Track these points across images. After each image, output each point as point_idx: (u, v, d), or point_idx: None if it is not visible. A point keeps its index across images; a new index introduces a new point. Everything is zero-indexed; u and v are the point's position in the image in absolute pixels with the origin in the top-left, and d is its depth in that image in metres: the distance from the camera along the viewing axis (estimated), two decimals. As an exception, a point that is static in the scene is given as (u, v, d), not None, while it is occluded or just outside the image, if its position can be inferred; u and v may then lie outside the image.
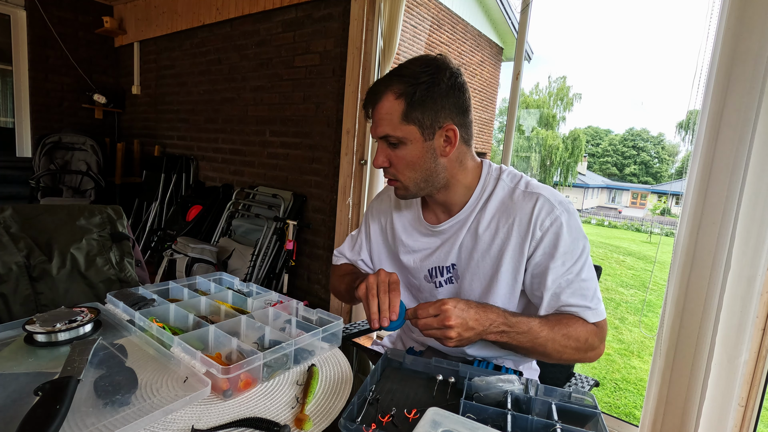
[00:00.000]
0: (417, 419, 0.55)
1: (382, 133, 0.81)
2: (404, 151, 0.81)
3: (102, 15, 4.09)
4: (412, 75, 0.79)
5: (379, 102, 0.80)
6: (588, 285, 0.82)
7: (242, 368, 0.64)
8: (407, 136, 0.80)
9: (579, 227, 0.83)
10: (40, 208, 1.07)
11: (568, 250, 0.80)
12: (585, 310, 0.81)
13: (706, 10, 1.34)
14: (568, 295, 0.81)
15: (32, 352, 0.69)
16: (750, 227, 1.25)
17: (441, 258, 0.91)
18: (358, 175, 2.46)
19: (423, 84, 0.78)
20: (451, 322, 0.68)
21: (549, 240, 0.81)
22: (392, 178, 0.86)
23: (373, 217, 1.06)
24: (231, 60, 3.23)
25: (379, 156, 0.84)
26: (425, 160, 0.82)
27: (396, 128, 0.79)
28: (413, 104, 0.78)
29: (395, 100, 0.79)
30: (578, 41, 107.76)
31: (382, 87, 0.80)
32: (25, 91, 3.89)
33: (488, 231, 0.85)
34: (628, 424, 1.83)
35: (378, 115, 0.81)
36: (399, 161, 0.83)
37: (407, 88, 0.78)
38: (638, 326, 4.67)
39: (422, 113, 0.78)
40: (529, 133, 24.33)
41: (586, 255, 0.83)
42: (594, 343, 0.80)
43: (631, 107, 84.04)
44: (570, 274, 0.80)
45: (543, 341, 0.76)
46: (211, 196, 3.35)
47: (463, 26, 6.65)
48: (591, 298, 0.81)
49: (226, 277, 1.09)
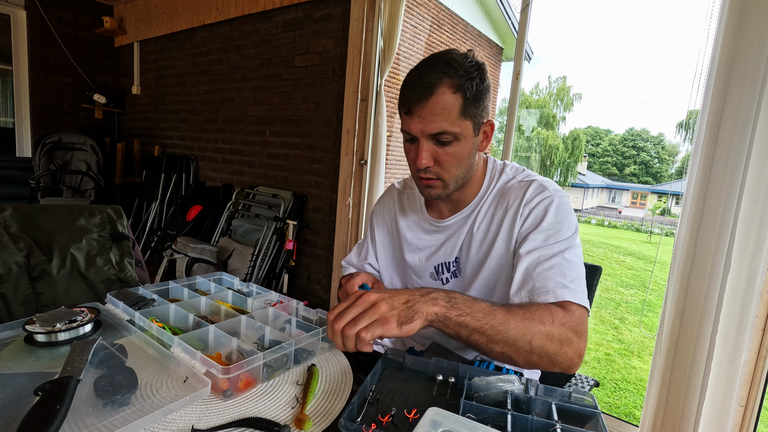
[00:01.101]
0: (417, 419, 0.55)
1: (439, 129, 0.75)
2: (456, 148, 0.78)
3: (102, 15, 4.09)
4: (464, 69, 0.74)
5: (433, 96, 0.74)
6: (571, 267, 0.74)
7: (242, 368, 0.64)
8: (463, 132, 0.76)
9: (570, 212, 0.81)
10: (40, 208, 1.07)
11: (552, 227, 0.77)
12: (562, 289, 0.72)
13: (706, 10, 1.34)
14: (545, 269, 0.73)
15: (32, 352, 0.69)
16: (750, 227, 1.25)
17: (446, 254, 0.92)
18: (358, 175, 2.46)
19: (476, 78, 0.75)
20: (371, 298, 0.62)
21: (535, 214, 0.80)
22: (434, 177, 0.81)
23: (378, 220, 1.06)
24: (231, 60, 3.23)
25: (425, 154, 0.77)
26: (470, 156, 0.81)
27: (454, 124, 0.75)
28: (471, 99, 0.75)
29: (453, 95, 0.74)
30: (578, 41, 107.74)
31: (434, 80, 0.74)
32: (25, 91, 3.89)
33: (485, 220, 0.87)
34: (628, 424, 1.83)
35: (431, 110, 0.74)
36: (448, 159, 0.78)
37: (464, 83, 0.74)
38: (638, 326, 4.67)
39: (476, 108, 0.77)
40: (529, 133, 24.33)
41: (576, 241, 0.78)
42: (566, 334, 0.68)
43: (631, 107, 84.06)
44: (551, 249, 0.75)
45: (502, 319, 0.65)
46: (211, 196, 3.35)
47: (463, 26, 6.65)
48: (573, 279, 0.73)
49: (226, 277, 1.09)
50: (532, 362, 0.68)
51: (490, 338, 0.65)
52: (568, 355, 0.68)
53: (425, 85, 0.74)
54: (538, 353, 0.67)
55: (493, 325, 0.64)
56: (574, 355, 0.69)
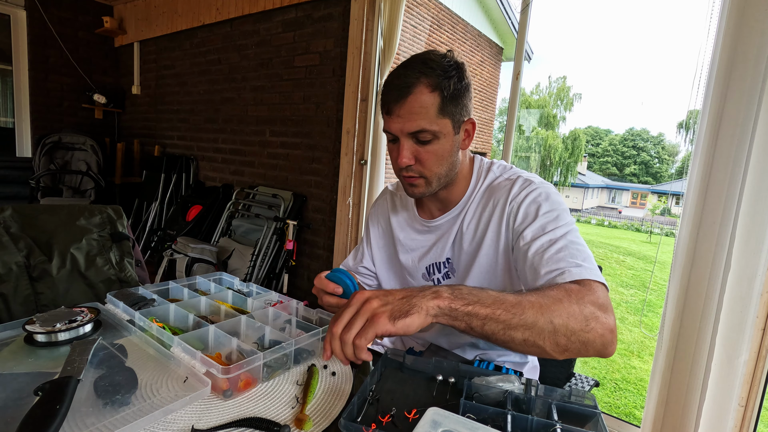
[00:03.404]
0: (417, 419, 0.55)
1: (417, 128, 0.76)
2: (436, 146, 0.79)
3: (102, 15, 4.09)
4: (442, 68, 0.75)
5: (411, 95, 0.75)
6: (579, 248, 0.71)
7: (242, 368, 0.64)
8: (442, 130, 0.78)
9: (561, 201, 0.80)
10: (40, 208, 1.07)
11: (548, 215, 0.76)
12: (576, 268, 0.68)
13: (706, 10, 1.34)
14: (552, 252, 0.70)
15: (32, 352, 0.69)
16: (750, 227, 1.25)
17: (437, 254, 0.92)
18: (358, 175, 2.46)
19: (454, 77, 0.76)
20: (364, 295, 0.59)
21: (525, 207, 0.79)
22: (416, 175, 0.81)
23: (373, 221, 1.06)
24: (231, 60, 3.23)
25: (406, 153, 0.79)
26: (451, 154, 0.82)
27: (432, 122, 0.76)
28: (448, 97, 0.76)
29: (430, 93, 0.75)
30: (578, 41, 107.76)
31: (411, 79, 0.75)
32: (25, 91, 3.90)
33: (473, 220, 0.87)
34: (628, 424, 1.83)
35: (410, 109, 0.76)
36: (429, 157, 0.79)
37: (441, 81, 0.75)
38: (638, 326, 4.67)
39: (455, 106, 0.77)
40: (529, 133, 24.33)
41: (574, 225, 0.76)
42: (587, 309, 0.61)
43: (631, 107, 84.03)
44: (554, 234, 0.73)
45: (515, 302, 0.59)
46: (211, 196, 3.35)
47: (463, 26, 6.65)
48: (584, 258, 0.70)
49: (226, 277, 1.09)
50: (561, 345, 0.59)
51: (506, 324, 0.57)
52: (598, 331, 0.60)
53: (403, 84, 0.76)
54: (563, 333, 0.59)
55: (507, 309, 0.58)
56: (605, 330, 0.61)
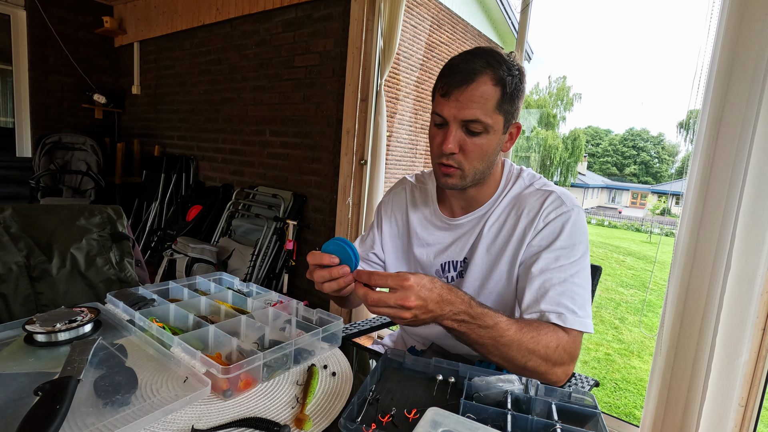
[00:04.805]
0: (417, 419, 0.55)
1: (472, 117, 0.75)
2: (483, 140, 0.78)
3: (102, 15, 4.09)
4: (508, 65, 0.75)
5: (474, 82, 0.74)
6: (580, 292, 0.76)
7: (242, 368, 0.64)
8: (494, 125, 0.77)
9: (584, 230, 0.81)
10: (40, 208, 1.07)
11: (566, 247, 0.78)
12: (570, 314, 0.74)
13: (706, 10, 1.34)
14: (557, 293, 0.75)
15: (32, 352, 0.69)
16: (750, 227, 1.25)
17: (455, 253, 0.91)
18: (358, 175, 2.46)
19: (517, 77, 0.76)
20: (410, 303, 0.61)
21: (549, 230, 0.79)
22: (455, 165, 0.80)
23: (387, 211, 1.04)
24: (231, 60, 3.23)
25: (452, 139, 0.77)
26: (494, 152, 0.81)
27: (488, 115, 0.75)
28: (508, 94, 0.76)
29: (493, 86, 0.74)
30: (578, 41, 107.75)
31: (478, 67, 0.74)
32: (25, 91, 3.90)
33: (496, 225, 0.86)
34: (628, 424, 1.83)
35: (470, 96, 0.74)
36: (474, 149, 0.78)
37: (506, 77, 0.74)
38: (638, 326, 4.67)
39: (510, 105, 0.77)
40: (529, 133, 24.33)
41: (585, 262, 0.79)
42: (563, 358, 0.72)
43: (631, 107, 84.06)
44: (563, 272, 0.76)
45: (507, 341, 0.68)
46: (211, 196, 3.35)
47: (463, 26, 6.64)
48: (581, 305, 0.75)
49: (226, 277, 1.09)
50: (521, 374, 0.70)
51: (489, 351, 0.70)
52: (557, 375, 0.73)
53: (470, 70, 0.74)
54: (530, 370, 0.71)
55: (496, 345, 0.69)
56: (562, 374, 0.73)
